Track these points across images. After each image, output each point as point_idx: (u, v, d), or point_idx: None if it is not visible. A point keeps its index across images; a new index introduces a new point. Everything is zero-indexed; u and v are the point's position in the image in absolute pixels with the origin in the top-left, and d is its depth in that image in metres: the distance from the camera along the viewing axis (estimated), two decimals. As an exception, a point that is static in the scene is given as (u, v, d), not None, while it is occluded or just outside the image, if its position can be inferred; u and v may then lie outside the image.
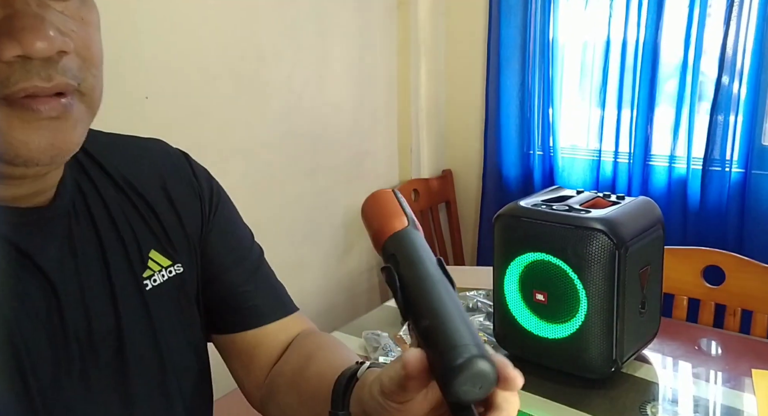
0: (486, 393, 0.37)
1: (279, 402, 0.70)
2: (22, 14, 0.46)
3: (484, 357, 0.36)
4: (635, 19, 2.21)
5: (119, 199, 0.64)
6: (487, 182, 2.69)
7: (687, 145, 2.19)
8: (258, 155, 2.04)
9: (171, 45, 1.75)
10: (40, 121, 0.47)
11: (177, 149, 0.74)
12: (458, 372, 0.35)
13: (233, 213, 0.77)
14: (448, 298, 0.41)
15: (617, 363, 1.16)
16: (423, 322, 0.40)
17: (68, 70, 0.49)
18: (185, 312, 0.67)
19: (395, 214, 0.48)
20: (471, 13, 2.63)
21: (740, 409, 1.11)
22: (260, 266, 0.76)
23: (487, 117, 2.64)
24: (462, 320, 0.39)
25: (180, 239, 0.68)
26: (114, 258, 0.61)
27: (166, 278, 0.65)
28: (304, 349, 0.72)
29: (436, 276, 0.42)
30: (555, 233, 1.15)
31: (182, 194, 0.69)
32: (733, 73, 2.05)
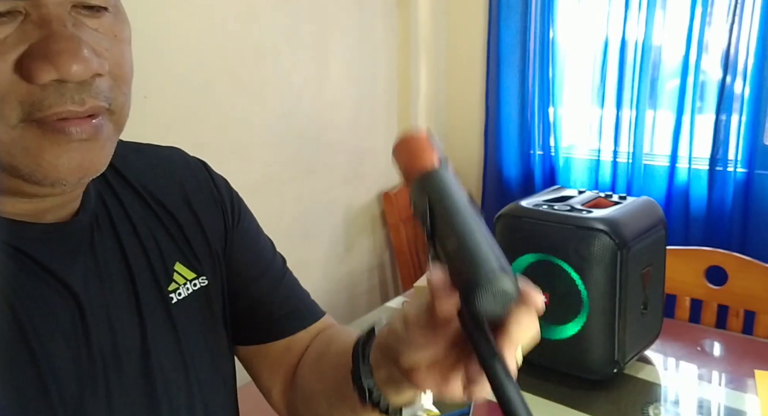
0: (504, 309, 0.38)
1: (304, 394, 0.70)
2: (59, 36, 0.45)
3: (509, 276, 0.38)
4: (635, 18, 2.21)
5: (142, 210, 0.63)
6: (487, 182, 2.68)
7: (689, 145, 2.18)
8: (257, 155, 2.04)
9: (170, 44, 1.74)
10: (70, 144, 0.47)
11: (196, 158, 0.73)
12: (483, 286, 0.37)
13: (254, 224, 0.76)
14: (478, 225, 0.42)
15: (619, 364, 1.16)
16: (451, 242, 0.41)
17: (101, 92, 0.48)
18: (210, 326, 0.66)
19: (430, 153, 0.49)
20: (471, 12, 2.62)
21: (743, 410, 1.10)
22: (285, 275, 0.76)
23: (488, 117, 2.63)
24: (490, 242, 0.40)
25: (204, 251, 0.67)
26: (139, 271, 0.60)
27: (191, 291, 0.64)
28: (325, 338, 0.72)
29: (466, 206, 0.44)
30: (556, 233, 1.15)
31: (204, 205, 0.69)
32: (736, 73, 2.05)
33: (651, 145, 2.29)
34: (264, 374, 0.74)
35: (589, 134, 2.46)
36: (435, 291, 0.42)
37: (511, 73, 2.53)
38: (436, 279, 0.41)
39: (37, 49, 0.44)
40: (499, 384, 0.38)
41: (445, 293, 0.41)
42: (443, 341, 0.45)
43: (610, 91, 2.33)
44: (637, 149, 2.29)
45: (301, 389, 0.70)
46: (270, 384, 0.74)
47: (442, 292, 0.41)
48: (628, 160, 2.32)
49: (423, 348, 0.46)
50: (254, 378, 0.75)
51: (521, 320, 0.41)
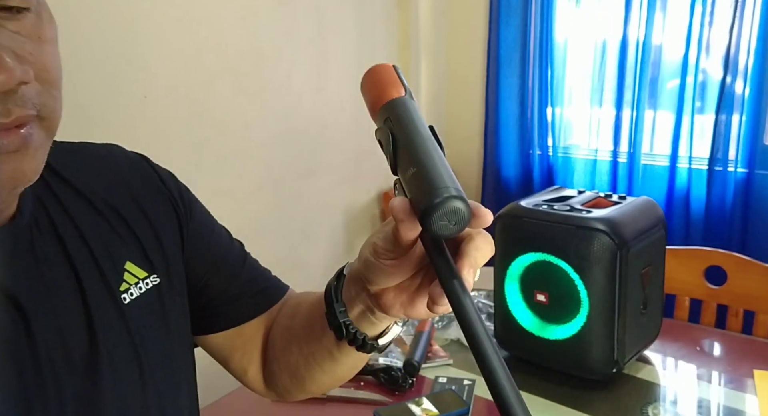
0: (461, 229, 0.41)
1: (279, 359, 0.71)
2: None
3: (461, 198, 0.40)
4: (636, 18, 2.21)
5: (86, 211, 0.61)
6: (486, 182, 2.68)
7: (689, 145, 2.18)
8: (257, 155, 2.04)
9: (170, 44, 1.75)
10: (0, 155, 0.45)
11: (136, 153, 0.71)
12: (437, 208, 0.40)
13: (207, 214, 0.75)
14: (434, 151, 0.44)
15: (619, 364, 1.16)
16: (410, 170, 0.44)
17: (28, 99, 0.46)
18: (165, 325, 0.65)
19: (393, 84, 0.51)
20: (471, 12, 2.63)
21: (742, 410, 1.10)
22: (245, 258, 0.76)
23: (487, 117, 2.63)
24: (445, 168, 0.43)
25: (154, 249, 0.65)
26: (85, 273, 0.58)
27: (143, 291, 0.62)
28: (292, 303, 0.74)
29: (425, 135, 0.46)
30: (556, 233, 1.15)
31: (152, 202, 0.67)
32: (737, 73, 2.05)
33: (651, 145, 2.29)
34: (236, 356, 0.74)
35: (588, 134, 2.46)
36: (396, 217, 0.44)
37: (511, 73, 2.53)
38: (396, 205, 0.43)
39: None
40: (457, 301, 0.40)
41: (405, 218, 0.43)
42: (409, 265, 0.49)
43: (610, 92, 2.33)
44: (637, 149, 2.29)
45: (277, 356, 0.72)
46: (245, 363, 0.74)
47: (403, 217, 0.43)
48: (628, 160, 2.32)
49: (391, 272, 0.50)
50: (225, 362, 0.75)
51: (476, 240, 0.45)
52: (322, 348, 0.64)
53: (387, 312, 0.53)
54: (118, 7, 1.61)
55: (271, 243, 2.09)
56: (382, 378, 1.20)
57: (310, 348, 0.66)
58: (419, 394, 1.16)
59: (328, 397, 1.16)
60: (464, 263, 0.43)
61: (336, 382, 0.71)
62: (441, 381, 1.20)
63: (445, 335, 1.38)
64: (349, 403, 1.16)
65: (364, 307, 0.57)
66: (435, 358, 1.29)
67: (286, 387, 0.74)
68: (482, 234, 0.46)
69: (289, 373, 0.71)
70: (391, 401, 1.15)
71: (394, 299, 0.52)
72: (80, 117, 1.51)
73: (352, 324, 0.58)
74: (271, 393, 0.77)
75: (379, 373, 1.21)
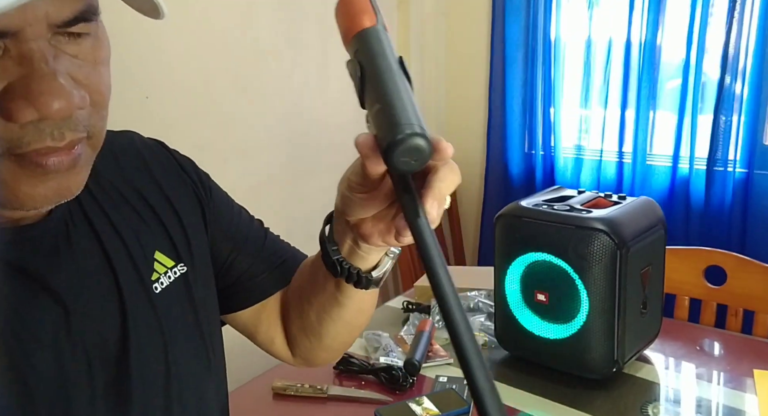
0: (422, 164, 0.41)
1: (295, 318, 0.74)
2: (40, 76, 0.43)
3: (421, 134, 0.41)
4: (638, 18, 2.21)
5: (116, 201, 0.62)
6: (489, 182, 2.68)
7: (690, 145, 2.18)
8: (258, 155, 2.04)
9: (171, 45, 1.75)
10: (47, 175, 0.47)
11: (153, 139, 0.72)
12: (398, 144, 0.40)
13: (225, 196, 0.77)
14: (401, 86, 0.45)
15: (618, 364, 1.16)
16: (375, 107, 0.44)
17: (80, 122, 0.48)
18: (194, 314, 0.66)
19: (365, 12, 0.51)
20: (472, 13, 2.63)
21: (742, 409, 1.11)
22: (266, 233, 0.78)
23: (490, 117, 2.63)
24: (410, 105, 0.43)
25: (180, 237, 0.66)
26: (120, 264, 0.59)
27: (172, 280, 0.64)
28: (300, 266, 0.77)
29: (393, 68, 0.46)
30: (556, 233, 1.15)
31: (174, 187, 0.68)
32: (736, 73, 2.05)
33: (651, 146, 2.29)
34: (263, 328, 0.76)
35: (590, 134, 2.46)
36: (361, 153, 0.46)
37: (514, 73, 2.53)
38: (361, 142, 0.45)
39: (18, 89, 0.43)
40: (417, 231, 0.41)
41: (370, 154, 0.45)
42: (381, 197, 0.52)
43: (613, 91, 2.33)
44: (638, 149, 2.29)
45: (293, 319, 0.74)
46: (272, 334, 0.77)
47: (369, 152, 0.45)
48: (629, 160, 2.33)
49: (365, 205, 0.53)
50: (252, 336, 0.78)
51: (440, 172, 0.46)
52: (328, 296, 0.67)
53: (367, 241, 0.56)
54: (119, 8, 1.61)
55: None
56: (383, 378, 1.20)
57: (317, 299, 0.69)
58: (420, 393, 1.16)
59: (329, 396, 1.17)
60: (428, 194, 0.45)
61: (349, 331, 0.73)
62: (441, 380, 1.21)
63: (446, 335, 1.38)
64: (350, 402, 1.16)
65: (351, 242, 0.60)
66: (435, 358, 1.29)
67: (307, 348, 0.76)
68: (448, 164, 0.47)
69: (306, 332, 0.74)
70: (391, 400, 1.15)
71: (372, 228, 0.55)
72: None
73: (345, 260, 0.61)
74: (298, 359, 0.79)
75: (379, 372, 1.21)
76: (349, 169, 0.54)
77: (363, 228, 0.55)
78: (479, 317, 1.43)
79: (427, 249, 0.40)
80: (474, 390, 0.35)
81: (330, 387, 1.18)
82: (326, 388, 1.18)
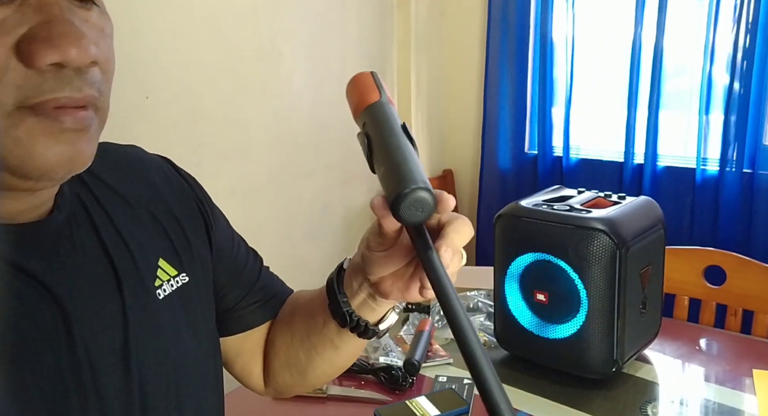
0: (428, 215, 0.46)
1: (281, 357, 0.75)
2: (60, 20, 0.45)
3: (425, 188, 0.45)
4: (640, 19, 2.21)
5: (120, 207, 0.62)
6: (484, 182, 2.68)
7: (695, 145, 2.18)
8: (258, 155, 2.04)
9: (171, 45, 1.75)
10: (62, 134, 0.46)
11: (158, 156, 0.73)
12: (403, 198, 0.45)
13: (227, 225, 0.77)
14: (404, 149, 0.49)
15: (618, 364, 1.16)
16: (381, 169, 0.49)
17: (95, 81, 0.48)
18: (195, 323, 0.66)
19: (370, 90, 0.57)
20: (469, 13, 2.63)
21: (741, 410, 1.11)
22: (260, 270, 0.78)
23: (485, 117, 2.64)
24: (413, 164, 0.47)
25: (184, 248, 0.66)
26: (123, 267, 0.59)
27: (174, 288, 0.64)
28: (290, 301, 0.78)
29: (397, 134, 0.51)
30: (556, 233, 1.15)
31: (178, 202, 0.69)
32: (742, 75, 2.05)
33: (652, 146, 2.29)
34: (243, 358, 0.77)
35: (589, 134, 2.46)
36: (377, 213, 0.50)
37: (509, 73, 2.53)
38: (375, 203, 0.49)
39: (38, 32, 0.44)
40: (434, 274, 0.45)
41: (385, 213, 0.49)
42: (399, 255, 0.56)
43: (613, 91, 2.33)
44: (638, 150, 2.29)
45: (278, 353, 0.75)
46: (251, 365, 0.77)
47: (383, 212, 0.49)
48: (629, 160, 2.33)
49: (384, 262, 0.56)
50: (229, 364, 0.78)
51: (454, 223, 0.51)
52: (324, 338, 0.68)
53: (387, 298, 0.60)
54: (120, 9, 1.61)
55: (271, 243, 2.09)
56: (383, 378, 1.20)
57: (312, 339, 0.70)
58: (419, 393, 1.16)
59: (329, 396, 1.17)
60: (441, 243, 0.49)
61: (336, 371, 0.75)
62: (441, 380, 1.21)
63: (446, 334, 1.38)
64: (349, 402, 1.16)
65: (366, 296, 0.62)
66: (435, 357, 1.29)
67: (286, 382, 0.77)
68: (461, 218, 0.51)
69: (290, 368, 0.74)
70: (391, 400, 1.15)
71: (392, 286, 0.58)
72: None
73: (354, 312, 0.64)
74: (270, 390, 0.80)
75: (379, 372, 1.21)
76: (368, 231, 0.57)
77: (383, 286, 0.59)
78: (479, 317, 1.43)
79: (440, 286, 0.44)
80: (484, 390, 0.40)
81: (329, 387, 1.18)
82: (326, 388, 1.18)
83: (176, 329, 0.63)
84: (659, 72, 2.20)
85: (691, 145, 2.22)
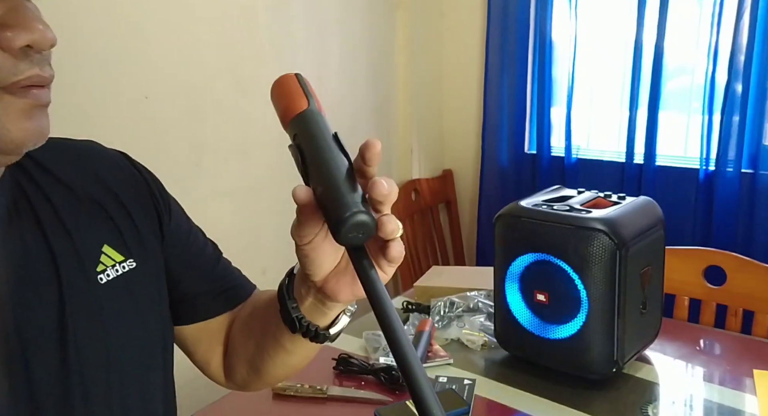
0: (368, 237, 0.47)
1: (239, 353, 0.76)
2: (25, 8, 0.50)
3: (364, 212, 0.46)
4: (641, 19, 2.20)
5: (64, 195, 0.64)
6: (484, 182, 2.68)
7: (695, 145, 2.18)
8: (258, 155, 2.04)
9: (171, 45, 1.75)
10: (32, 109, 0.52)
11: (115, 150, 0.75)
12: (344, 223, 0.45)
13: (183, 216, 0.78)
14: (340, 166, 0.49)
15: (618, 364, 1.16)
16: (318, 189, 0.49)
17: (50, 63, 0.54)
18: (138, 308, 0.67)
19: (297, 97, 0.55)
20: (469, 13, 2.63)
21: (742, 410, 1.11)
22: (219, 258, 0.80)
23: (485, 117, 2.64)
24: (348, 185, 0.47)
25: (132, 236, 0.68)
26: (61, 251, 0.61)
27: (119, 273, 0.65)
28: (251, 301, 0.79)
29: (331, 148, 0.50)
30: (556, 233, 1.15)
31: (130, 193, 0.70)
32: (741, 75, 2.04)
33: (652, 146, 2.29)
34: (201, 348, 0.78)
35: (587, 134, 2.46)
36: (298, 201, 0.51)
37: (509, 73, 2.53)
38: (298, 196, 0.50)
39: (9, 19, 0.49)
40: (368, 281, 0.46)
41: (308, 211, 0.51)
42: (329, 246, 0.55)
43: (613, 92, 2.33)
44: (638, 150, 2.29)
45: (236, 350, 0.77)
46: (209, 356, 0.79)
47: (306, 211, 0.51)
48: (629, 160, 2.33)
49: (317, 255, 0.55)
50: (190, 354, 0.80)
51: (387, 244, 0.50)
52: (276, 343, 0.68)
53: (337, 298, 0.58)
54: (120, 9, 1.61)
55: (271, 244, 2.09)
56: (383, 378, 1.20)
57: (265, 342, 0.70)
58: (419, 394, 1.16)
59: (329, 396, 1.17)
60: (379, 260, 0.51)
61: (290, 372, 0.76)
62: (441, 380, 1.21)
63: (446, 335, 1.38)
64: (349, 402, 1.16)
65: (315, 300, 0.62)
66: (435, 358, 1.29)
67: (243, 378, 0.78)
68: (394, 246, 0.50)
69: (246, 366, 0.76)
70: (391, 400, 1.15)
71: (337, 284, 0.57)
72: (81, 117, 1.51)
73: (304, 317, 0.63)
74: (231, 384, 0.81)
75: (379, 373, 1.21)
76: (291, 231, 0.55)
77: (329, 287, 0.58)
78: (479, 317, 1.43)
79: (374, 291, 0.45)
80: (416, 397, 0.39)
81: (330, 388, 1.18)
82: (326, 388, 1.18)
83: (119, 312, 0.64)
84: (660, 72, 2.19)
85: (692, 145, 2.22)
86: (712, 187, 2.16)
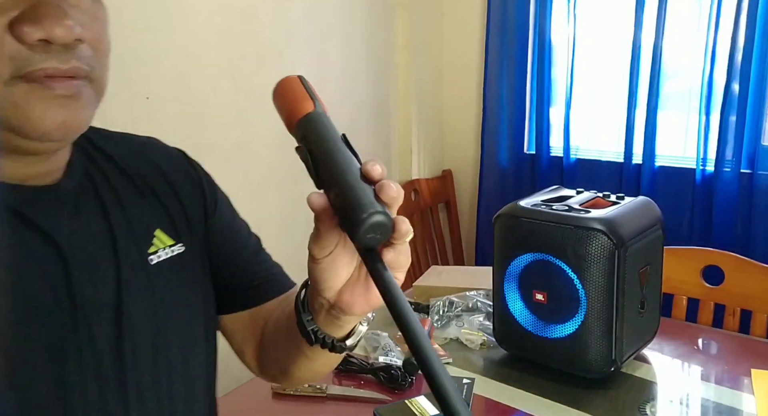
0: (384, 238, 0.47)
1: (269, 350, 0.78)
2: (47, 4, 0.52)
3: (382, 212, 0.46)
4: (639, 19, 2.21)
5: (124, 182, 0.69)
6: (484, 182, 2.69)
7: (693, 146, 2.18)
8: (259, 155, 2.05)
9: (171, 45, 1.75)
10: (54, 99, 0.53)
11: (175, 147, 0.79)
12: (363, 223, 0.45)
13: (230, 207, 0.82)
14: (353, 168, 0.49)
15: (617, 363, 1.17)
16: (333, 191, 0.49)
17: (82, 57, 0.55)
18: (186, 289, 0.71)
19: (302, 99, 0.55)
20: (469, 13, 2.63)
21: (739, 409, 1.11)
22: (259, 252, 0.83)
23: (485, 117, 2.64)
24: (363, 186, 0.48)
25: (182, 222, 0.72)
26: (120, 232, 0.65)
27: (169, 255, 0.69)
28: (288, 301, 0.78)
29: (341, 150, 0.51)
30: (554, 233, 1.16)
31: (182, 183, 0.75)
32: (740, 75, 2.05)
33: (650, 146, 2.29)
34: (237, 337, 0.81)
35: (585, 134, 2.47)
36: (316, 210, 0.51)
37: (509, 73, 2.54)
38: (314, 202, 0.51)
39: (28, 13, 0.51)
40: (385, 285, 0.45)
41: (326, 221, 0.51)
42: (345, 256, 0.55)
43: (612, 92, 2.33)
44: (636, 150, 2.30)
45: (267, 349, 0.79)
46: (243, 345, 0.81)
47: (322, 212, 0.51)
48: (629, 161, 2.33)
49: (332, 269, 0.55)
50: (229, 342, 0.83)
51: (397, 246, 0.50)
52: (298, 350, 0.70)
53: (352, 312, 0.58)
54: (120, 9, 1.62)
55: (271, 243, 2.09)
56: (382, 377, 1.21)
57: (289, 347, 0.72)
58: (419, 393, 1.17)
59: (329, 396, 1.17)
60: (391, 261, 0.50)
61: (316, 376, 0.77)
62: (440, 379, 1.21)
63: (445, 334, 1.39)
64: (349, 402, 1.17)
65: (329, 315, 0.61)
66: (434, 357, 1.29)
67: (275, 375, 0.81)
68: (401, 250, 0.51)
69: (276, 365, 0.78)
70: (390, 399, 1.16)
71: (351, 296, 0.57)
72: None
73: (320, 330, 0.63)
74: (264, 377, 0.84)
75: (379, 372, 1.22)
76: (309, 243, 0.55)
77: (343, 301, 0.57)
78: (478, 317, 1.43)
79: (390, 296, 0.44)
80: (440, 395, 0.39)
81: (329, 387, 1.19)
82: (325, 387, 1.18)
83: (166, 293, 0.68)
84: (658, 72, 2.20)
85: (690, 146, 2.22)
86: (710, 187, 2.16)
